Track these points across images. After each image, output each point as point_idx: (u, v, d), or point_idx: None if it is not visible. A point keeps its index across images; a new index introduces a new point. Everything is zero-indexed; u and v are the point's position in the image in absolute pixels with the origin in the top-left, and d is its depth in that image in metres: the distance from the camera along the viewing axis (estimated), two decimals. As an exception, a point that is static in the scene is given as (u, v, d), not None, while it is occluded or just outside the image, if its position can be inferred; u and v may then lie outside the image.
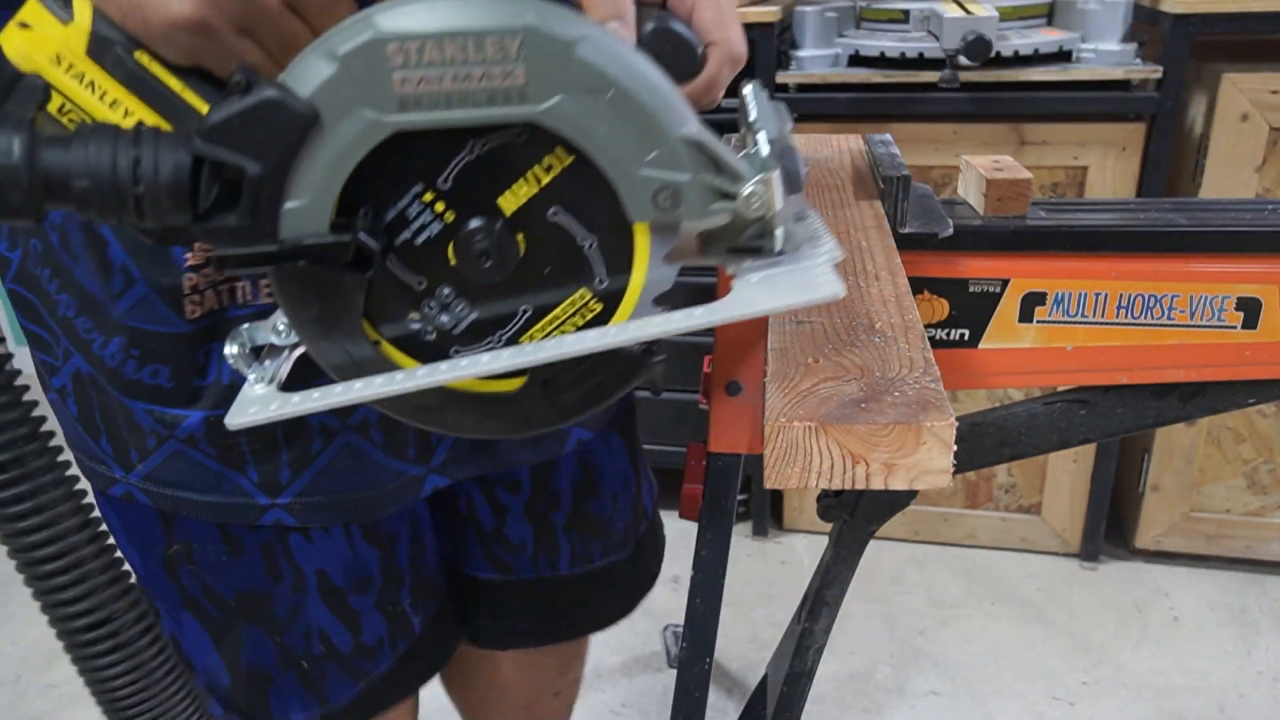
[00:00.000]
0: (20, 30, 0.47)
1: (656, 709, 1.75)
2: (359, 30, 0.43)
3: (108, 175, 0.43)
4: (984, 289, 0.74)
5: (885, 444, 0.47)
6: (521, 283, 0.51)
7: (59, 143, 0.43)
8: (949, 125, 1.75)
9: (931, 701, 1.74)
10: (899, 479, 0.48)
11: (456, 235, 0.49)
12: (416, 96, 0.44)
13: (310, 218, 0.46)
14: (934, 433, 0.46)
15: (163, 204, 0.44)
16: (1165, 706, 1.71)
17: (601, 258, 0.51)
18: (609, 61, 0.45)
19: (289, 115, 0.43)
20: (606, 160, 0.47)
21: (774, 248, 0.51)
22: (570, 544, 0.93)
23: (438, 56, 0.43)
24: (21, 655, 1.89)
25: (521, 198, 0.49)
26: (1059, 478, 1.98)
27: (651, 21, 0.56)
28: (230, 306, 0.67)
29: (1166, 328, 0.74)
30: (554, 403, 0.55)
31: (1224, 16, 1.61)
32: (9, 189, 0.42)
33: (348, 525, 0.77)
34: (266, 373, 0.55)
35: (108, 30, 0.47)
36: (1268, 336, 0.73)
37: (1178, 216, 0.75)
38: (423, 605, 0.86)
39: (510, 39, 0.43)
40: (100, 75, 0.48)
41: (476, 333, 0.52)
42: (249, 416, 0.52)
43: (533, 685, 1.07)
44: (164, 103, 0.48)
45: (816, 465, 0.48)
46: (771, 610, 1.97)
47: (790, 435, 0.47)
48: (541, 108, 0.45)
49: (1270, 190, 1.70)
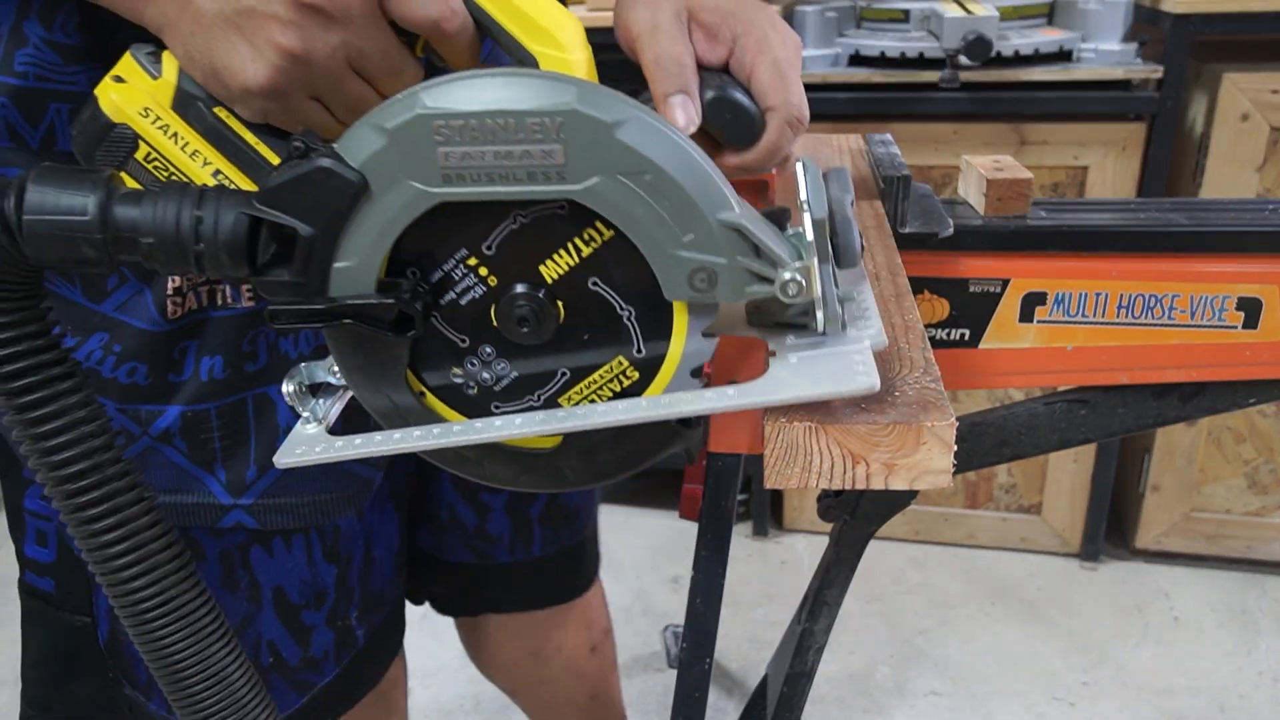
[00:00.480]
0: (115, 84, 0.52)
1: (656, 709, 1.75)
2: (406, 107, 0.45)
3: (171, 233, 0.46)
4: (984, 289, 0.74)
5: (886, 444, 0.47)
6: (561, 346, 0.52)
7: (131, 199, 0.46)
8: (949, 125, 1.75)
9: (931, 702, 1.74)
10: (899, 479, 0.48)
11: (499, 299, 0.51)
12: (460, 171, 0.46)
13: (358, 278, 0.48)
14: (934, 433, 0.46)
15: (221, 260, 0.47)
16: (1165, 707, 1.71)
17: (640, 328, 0.51)
18: (649, 144, 0.45)
19: (340, 183, 0.46)
20: (643, 240, 0.47)
21: (816, 328, 0.51)
22: (543, 531, 0.99)
23: (480, 134, 0.45)
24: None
25: (562, 267, 0.50)
26: (1059, 478, 1.98)
27: (711, 90, 0.56)
28: (210, 307, 0.68)
29: (1167, 328, 0.74)
30: (590, 463, 0.56)
31: (1224, 16, 1.61)
32: (83, 244, 0.46)
33: (309, 542, 0.78)
34: (319, 411, 0.57)
35: (191, 87, 0.52)
36: (1268, 336, 0.73)
37: (1178, 216, 0.74)
38: (367, 619, 0.87)
39: (551, 120, 0.45)
40: (183, 127, 0.52)
41: (516, 390, 0.54)
42: (296, 457, 0.54)
43: (522, 644, 1.12)
44: (239, 155, 0.53)
45: (817, 465, 0.48)
46: (771, 610, 1.97)
47: (790, 435, 0.47)
48: (579, 187, 0.46)
49: (1270, 190, 1.70)
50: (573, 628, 1.12)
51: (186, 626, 0.56)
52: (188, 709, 0.58)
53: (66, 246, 0.46)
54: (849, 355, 0.49)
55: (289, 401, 0.57)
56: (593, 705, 1.18)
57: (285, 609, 0.79)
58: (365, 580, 0.85)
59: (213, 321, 0.68)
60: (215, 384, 0.69)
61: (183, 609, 0.56)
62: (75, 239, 0.46)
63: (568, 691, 1.16)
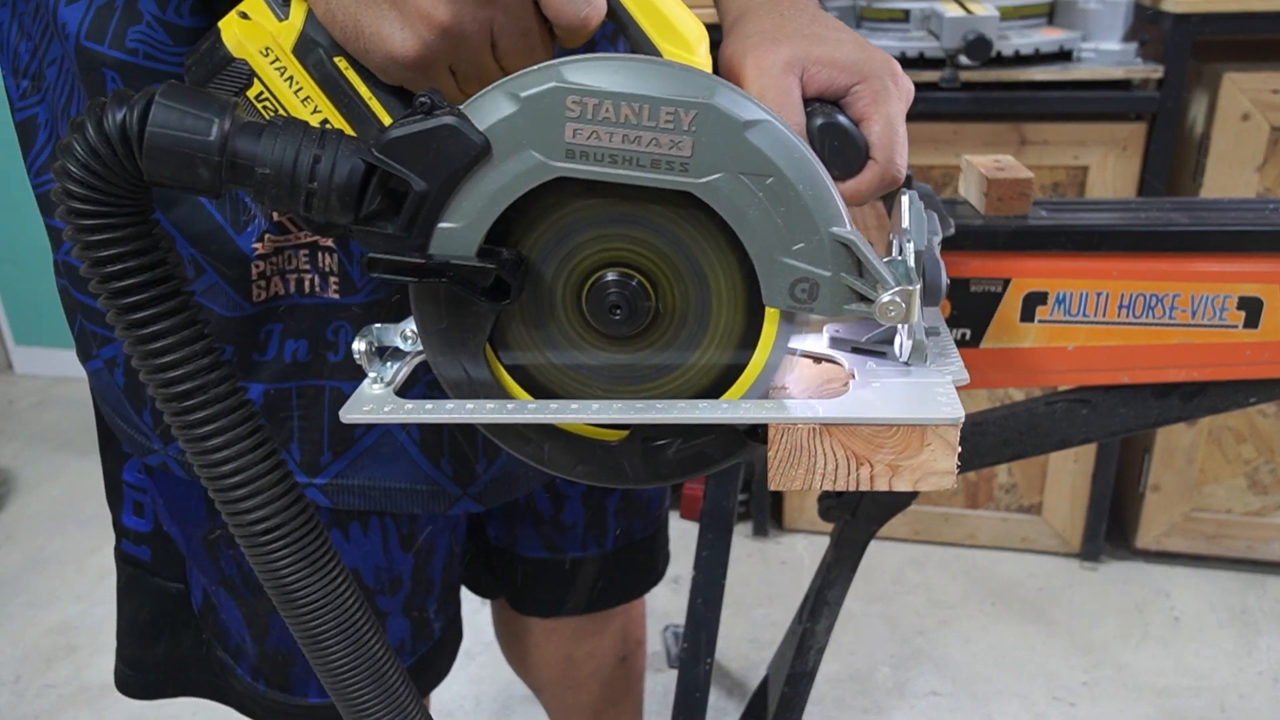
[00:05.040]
0: (239, 20, 0.52)
1: (657, 709, 1.75)
2: (545, 78, 0.46)
3: (288, 169, 0.46)
4: (985, 288, 0.74)
5: (890, 445, 0.47)
6: (646, 340, 0.52)
7: (253, 129, 0.46)
8: (949, 125, 1.75)
9: (932, 702, 1.74)
10: (903, 480, 0.48)
11: (593, 283, 0.51)
12: (583, 149, 0.46)
13: (461, 241, 0.48)
14: (938, 434, 0.46)
15: (330, 203, 0.47)
16: (1166, 707, 1.71)
17: (729, 331, 0.51)
18: (776, 149, 0.46)
19: (463, 143, 0.46)
20: (753, 242, 0.48)
21: (899, 356, 0.51)
22: (617, 524, 0.98)
23: (612, 115, 0.45)
24: (21, 655, 1.89)
25: (663, 260, 0.50)
26: (1059, 478, 1.98)
27: (821, 117, 0.56)
28: (297, 294, 0.69)
29: (1168, 327, 0.74)
30: (652, 461, 0.55)
31: (1224, 16, 1.61)
32: (200, 165, 0.46)
33: (384, 528, 0.79)
34: (386, 374, 0.56)
35: (316, 33, 0.52)
36: (1269, 336, 0.73)
37: (1179, 216, 0.74)
38: (444, 612, 0.88)
39: (685, 111, 0.45)
40: (300, 72, 0.52)
41: (591, 378, 0.54)
42: (362, 414, 0.53)
43: (558, 646, 1.12)
44: (351, 107, 0.53)
45: (821, 467, 0.48)
46: (772, 610, 1.97)
47: (794, 437, 0.47)
48: (701, 181, 0.46)
49: (1271, 190, 1.70)
50: (609, 635, 1.12)
51: (295, 545, 0.55)
52: (305, 634, 0.58)
53: (183, 165, 0.45)
54: (930, 386, 0.50)
55: (357, 359, 0.57)
56: (612, 713, 1.18)
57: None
58: (447, 574, 0.87)
59: (299, 308, 0.69)
60: (298, 366, 0.71)
61: (289, 525, 0.55)
62: (194, 158, 0.45)
63: (590, 697, 1.16)
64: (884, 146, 0.56)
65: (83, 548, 2.20)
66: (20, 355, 3.05)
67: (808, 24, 0.59)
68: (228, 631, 0.82)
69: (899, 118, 0.57)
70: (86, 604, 2.02)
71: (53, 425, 2.72)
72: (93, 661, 1.87)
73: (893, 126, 0.56)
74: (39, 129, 0.71)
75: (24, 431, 2.70)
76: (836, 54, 0.57)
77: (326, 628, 0.56)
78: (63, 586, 2.08)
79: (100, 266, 0.47)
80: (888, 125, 0.56)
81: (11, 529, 2.28)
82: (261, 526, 0.53)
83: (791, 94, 0.55)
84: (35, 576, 2.12)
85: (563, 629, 1.09)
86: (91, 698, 1.79)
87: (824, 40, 0.57)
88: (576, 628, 1.09)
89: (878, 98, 0.56)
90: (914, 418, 0.47)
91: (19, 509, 2.36)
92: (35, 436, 2.67)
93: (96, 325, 0.73)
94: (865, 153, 0.56)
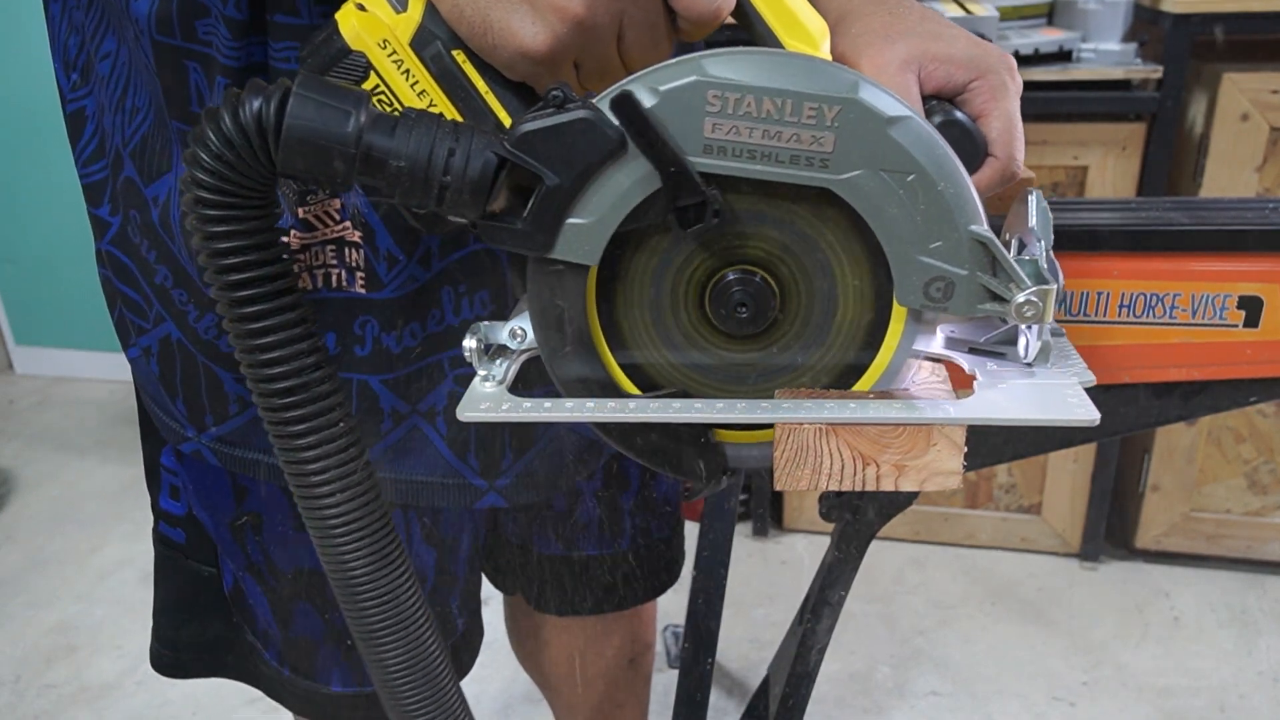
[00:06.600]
0: (357, 11, 0.51)
1: (657, 709, 1.75)
2: (686, 71, 0.45)
3: (423, 163, 0.46)
4: (987, 289, 0.74)
5: (896, 445, 0.47)
6: (767, 339, 0.51)
7: (386, 123, 0.46)
8: (949, 125, 1.75)
9: (932, 702, 1.74)
10: (909, 480, 0.48)
11: (718, 280, 0.50)
12: (722, 144, 0.45)
13: (590, 236, 0.47)
14: (945, 434, 0.46)
15: (463, 197, 0.46)
16: (1166, 707, 1.71)
17: (853, 333, 0.51)
18: (919, 146, 0.45)
19: (598, 138, 0.45)
20: (890, 240, 0.47)
21: (1023, 357, 0.50)
22: (633, 523, 0.97)
23: (753, 110, 0.44)
24: (21, 655, 1.89)
25: (791, 258, 0.49)
26: (1059, 478, 1.98)
27: (940, 114, 0.55)
28: (325, 288, 0.69)
29: (1168, 326, 0.74)
30: (710, 457, 0.54)
31: (1224, 16, 1.61)
32: (335, 157, 0.45)
33: (406, 520, 0.79)
34: (496, 372, 0.56)
35: (434, 26, 0.51)
36: (1269, 335, 0.73)
37: (1179, 215, 0.74)
38: (466, 607, 0.88)
39: (829, 106, 0.44)
40: (417, 65, 0.51)
41: (707, 378, 0.53)
42: (480, 412, 0.53)
43: (568, 645, 1.12)
44: (468, 102, 0.51)
45: (827, 467, 0.48)
46: (772, 611, 1.97)
47: (800, 437, 0.47)
48: (841, 178, 0.45)
49: (1270, 190, 1.70)
50: (619, 637, 1.12)
51: (366, 540, 0.56)
52: (357, 618, 0.58)
53: (318, 157, 0.45)
54: (1059, 388, 0.49)
55: (468, 357, 0.56)
56: (618, 714, 1.18)
57: None
58: (470, 570, 0.87)
59: (326, 302, 0.69)
60: (335, 358, 0.71)
61: (364, 520, 0.56)
62: (330, 150, 0.45)
63: (596, 698, 1.16)
64: (1004, 143, 0.55)
65: (83, 548, 2.20)
66: (20, 355, 3.05)
67: (919, 21, 0.58)
68: (255, 616, 0.84)
69: (1017, 113, 0.57)
70: (86, 604, 2.02)
71: (53, 425, 2.72)
72: (93, 661, 1.87)
73: (1012, 122, 0.56)
74: (87, 120, 0.71)
75: (24, 431, 2.70)
76: (953, 50, 0.56)
77: (385, 624, 0.57)
78: (63, 586, 2.08)
79: (219, 258, 0.46)
80: (1007, 121, 0.56)
81: (11, 529, 2.28)
82: (337, 521, 0.54)
83: (911, 91, 0.55)
84: (35, 576, 2.12)
85: (575, 627, 1.09)
86: (91, 698, 1.79)
87: (939, 37, 0.57)
88: (588, 627, 1.09)
89: (996, 93, 0.56)
90: (1049, 418, 0.46)
91: (19, 509, 2.36)
92: (35, 436, 2.67)
93: (135, 316, 0.73)
94: (985, 149, 0.55)
